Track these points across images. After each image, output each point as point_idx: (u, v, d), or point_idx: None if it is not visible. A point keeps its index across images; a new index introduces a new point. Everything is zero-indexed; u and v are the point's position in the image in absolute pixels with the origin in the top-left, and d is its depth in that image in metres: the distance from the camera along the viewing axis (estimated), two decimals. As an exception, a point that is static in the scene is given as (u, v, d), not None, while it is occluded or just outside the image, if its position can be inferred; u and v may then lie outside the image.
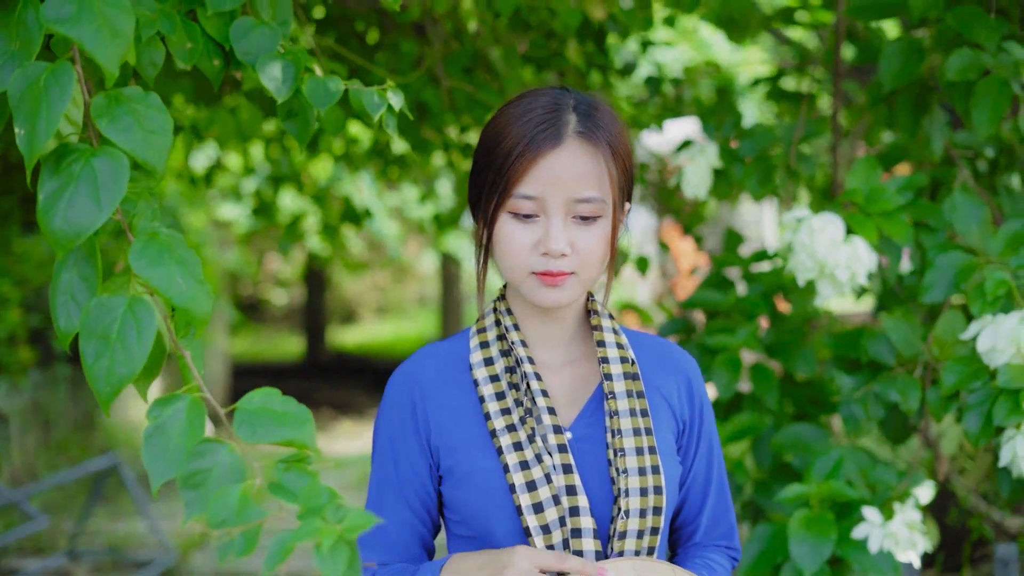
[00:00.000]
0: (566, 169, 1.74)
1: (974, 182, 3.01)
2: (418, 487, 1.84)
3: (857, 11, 2.84)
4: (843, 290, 2.57)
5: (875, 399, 2.62)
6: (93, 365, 1.41)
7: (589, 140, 1.76)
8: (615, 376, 1.83)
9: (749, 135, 3.08)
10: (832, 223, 2.54)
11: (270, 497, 1.33)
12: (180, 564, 7.00)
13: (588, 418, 1.83)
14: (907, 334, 2.58)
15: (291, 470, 1.30)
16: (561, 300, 1.77)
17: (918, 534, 2.56)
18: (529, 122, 1.76)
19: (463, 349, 1.88)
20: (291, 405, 1.35)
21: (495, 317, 1.88)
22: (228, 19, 1.99)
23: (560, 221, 1.74)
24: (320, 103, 1.95)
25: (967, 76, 2.65)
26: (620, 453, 1.77)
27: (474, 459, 1.78)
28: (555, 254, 1.74)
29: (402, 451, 1.84)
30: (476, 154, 1.85)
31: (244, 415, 1.35)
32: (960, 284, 2.53)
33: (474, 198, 1.86)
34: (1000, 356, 2.37)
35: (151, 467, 1.33)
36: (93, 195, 1.46)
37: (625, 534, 1.75)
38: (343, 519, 1.19)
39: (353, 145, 5.07)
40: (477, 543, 1.80)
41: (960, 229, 2.61)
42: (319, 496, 1.22)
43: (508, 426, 1.77)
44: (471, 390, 1.83)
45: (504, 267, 1.80)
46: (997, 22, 2.67)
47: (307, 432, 1.33)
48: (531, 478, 1.73)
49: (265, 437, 1.34)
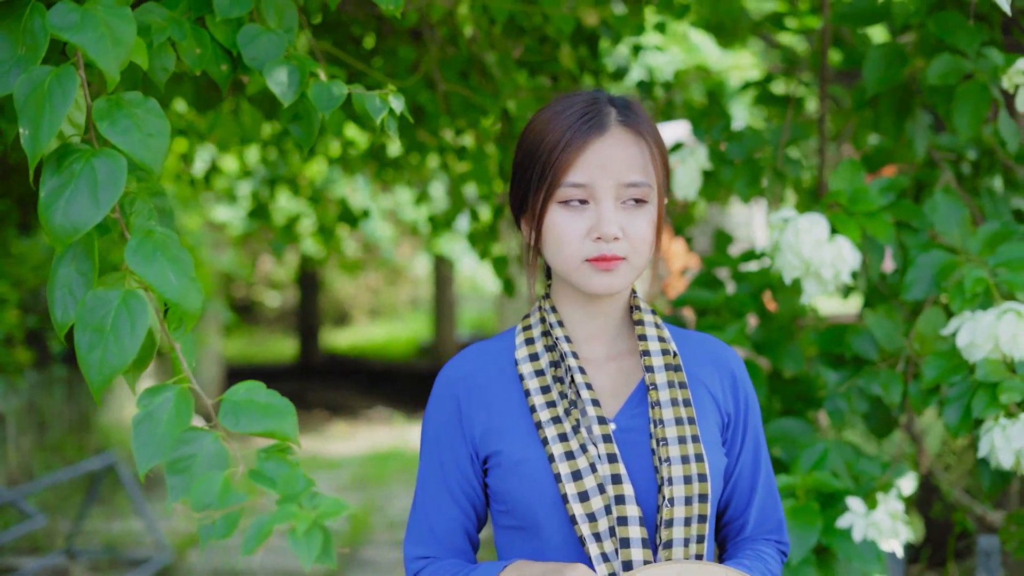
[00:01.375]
0: (613, 155, 1.79)
1: (956, 184, 3.10)
2: (463, 482, 1.88)
3: (843, 18, 2.93)
4: (828, 288, 2.65)
5: (859, 393, 2.71)
6: (87, 355, 1.49)
7: (631, 128, 1.82)
8: (657, 368, 1.87)
9: (737, 138, 3.16)
10: (817, 223, 2.63)
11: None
12: (177, 562, 7.06)
13: (632, 410, 1.86)
14: (889, 330, 2.67)
15: (272, 459, 1.38)
16: (614, 286, 1.80)
17: (900, 523, 2.65)
18: (571, 116, 1.81)
19: (508, 346, 1.92)
20: (274, 398, 1.43)
21: (540, 315, 1.92)
22: (236, 26, 2.06)
23: (611, 205, 1.78)
24: (324, 107, 2.02)
25: (948, 80, 2.74)
26: (663, 442, 1.81)
27: (520, 450, 1.82)
28: (608, 238, 1.77)
29: (447, 447, 1.88)
30: (517, 158, 1.89)
31: (229, 406, 1.43)
32: (940, 282, 2.62)
33: (518, 201, 1.90)
34: (978, 351, 2.46)
35: (139, 452, 1.41)
36: (92, 193, 1.54)
37: (672, 522, 1.77)
38: (318, 506, 1.26)
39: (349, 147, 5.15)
40: (523, 534, 1.84)
41: (941, 229, 2.70)
42: (297, 484, 1.29)
43: (553, 418, 1.81)
44: (517, 385, 1.87)
45: (556, 259, 1.83)
46: (976, 28, 2.76)
47: (289, 423, 1.41)
48: (576, 467, 1.77)
49: (248, 427, 1.42)
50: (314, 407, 14.21)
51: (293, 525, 1.25)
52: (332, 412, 13.90)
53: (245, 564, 6.98)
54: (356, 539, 7.67)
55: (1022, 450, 2.38)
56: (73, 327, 1.54)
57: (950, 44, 2.76)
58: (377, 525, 8.10)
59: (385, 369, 17.81)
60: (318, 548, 1.25)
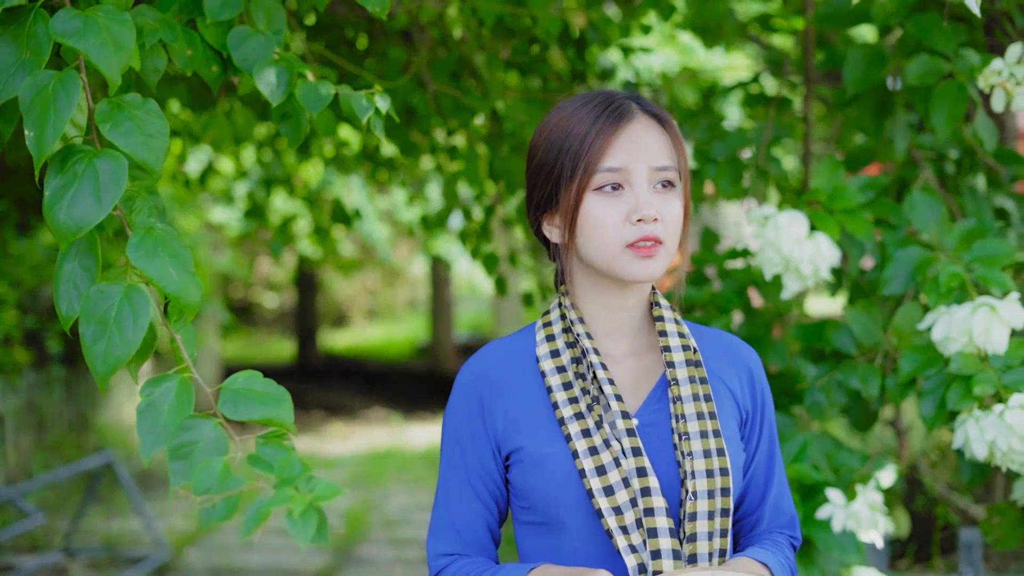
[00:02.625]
0: (643, 139, 1.81)
1: (938, 182, 3.16)
2: (485, 478, 1.89)
3: (823, 19, 2.98)
4: (807, 284, 2.71)
5: (837, 387, 2.77)
6: (91, 347, 1.56)
7: (653, 116, 1.85)
8: (677, 363, 1.88)
9: (722, 136, 3.22)
10: (796, 220, 2.68)
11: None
12: (175, 560, 7.11)
13: (653, 405, 1.88)
14: (868, 325, 2.73)
15: (269, 444, 1.44)
16: (654, 272, 1.81)
17: (880, 515, 2.70)
18: (595, 108, 1.84)
19: (529, 343, 1.93)
20: (271, 386, 1.50)
21: (560, 312, 1.93)
22: (226, 28, 2.12)
23: (647, 188, 1.80)
24: (312, 106, 2.08)
25: (926, 80, 2.79)
26: (685, 437, 1.82)
27: (543, 446, 1.83)
28: (649, 219, 1.78)
29: (469, 443, 1.89)
30: (535, 160, 1.89)
31: (228, 394, 1.50)
32: (917, 277, 2.67)
33: (543, 202, 1.89)
34: (953, 345, 2.52)
35: (143, 438, 1.48)
36: (95, 193, 1.61)
37: (695, 516, 1.78)
38: (313, 489, 1.32)
39: (343, 148, 5.20)
40: (545, 530, 1.84)
41: (918, 226, 2.75)
42: (293, 468, 1.35)
43: (576, 414, 1.82)
44: (538, 381, 1.88)
45: (595, 248, 1.83)
46: (954, 29, 2.82)
47: (285, 410, 1.48)
48: (600, 463, 1.78)
49: (247, 414, 1.48)
50: (312, 407, 14.25)
51: (290, 507, 1.30)
52: (330, 412, 13.95)
53: (243, 562, 7.03)
54: (353, 537, 7.72)
55: (995, 442, 2.43)
56: (78, 320, 1.61)
57: (928, 45, 2.81)
58: (374, 523, 8.15)
59: (383, 370, 17.86)
60: (313, 529, 1.30)
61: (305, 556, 7.18)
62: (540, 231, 1.94)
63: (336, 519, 8.16)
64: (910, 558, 4.60)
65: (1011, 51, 2.73)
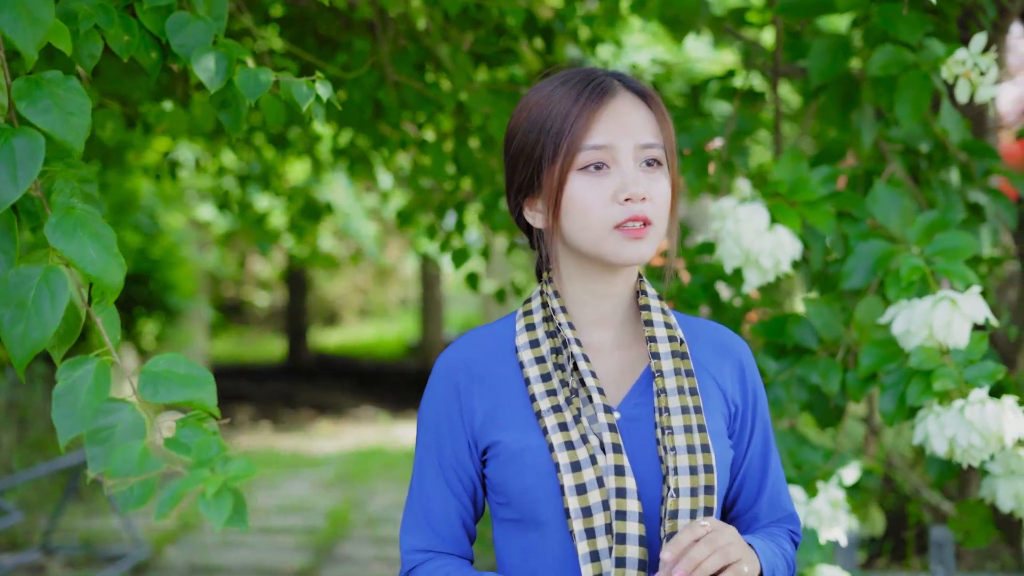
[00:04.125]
0: (628, 115, 1.75)
1: (906, 175, 3.12)
2: (461, 471, 1.83)
3: (787, 8, 2.94)
4: (768, 277, 2.67)
5: (798, 382, 2.72)
6: (9, 330, 1.52)
7: (638, 94, 1.79)
8: (663, 355, 1.80)
9: (688, 129, 3.17)
10: (757, 212, 2.64)
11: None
12: (153, 559, 7.07)
13: (636, 398, 1.81)
14: (828, 319, 2.68)
15: (188, 426, 1.39)
16: (644, 254, 1.74)
17: (841, 512, 2.66)
18: (576, 85, 1.77)
19: (509, 332, 1.86)
20: (194, 368, 1.45)
21: (542, 299, 1.86)
22: (165, 13, 2.08)
23: (633, 166, 1.73)
24: (250, 93, 2.04)
25: (890, 71, 2.75)
26: (668, 431, 1.76)
27: (520, 439, 1.76)
28: (637, 198, 1.71)
29: (446, 436, 1.83)
30: (514, 142, 1.82)
31: (148, 376, 1.45)
32: (879, 271, 2.63)
33: (524, 182, 1.82)
34: (913, 339, 2.47)
35: (59, 424, 1.43)
36: (11, 172, 1.56)
37: (677, 513, 1.72)
38: (228, 470, 1.27)
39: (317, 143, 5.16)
40: (523, 526, 1.78)
41: (880, 219, 2.71)
42: (210, 449, 1.30)
43: (554, 406, 1.76)
44: (517, 372, 1.81)
45: (581, 231, 1.76)
46: (919, 19, 2.77)
47: (207, 392, 1.43)
48: (575, 458, 1.71)
49: (167, 397, 1.44)
50: (301, 406, 14.23)
51: (203, 488, 1.26)
52: (318, 411, 13.92)
53: (222, 560, 6.99)
54: (335, 535, 7.67)
55: (955, 438, 2.39)
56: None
57: (893, 35, 2.77)
58: (356, 521, 8.11)
59: (373, 369, 17.82)
60: (228, 510, 1.26)
61: (286, 554, 7.14)
62: (521, 217, 1.86)
63: (319, 518, 8.12)
64: (887, 556, 4.56)
65: (975, 41, 2.69)
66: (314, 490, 9.31)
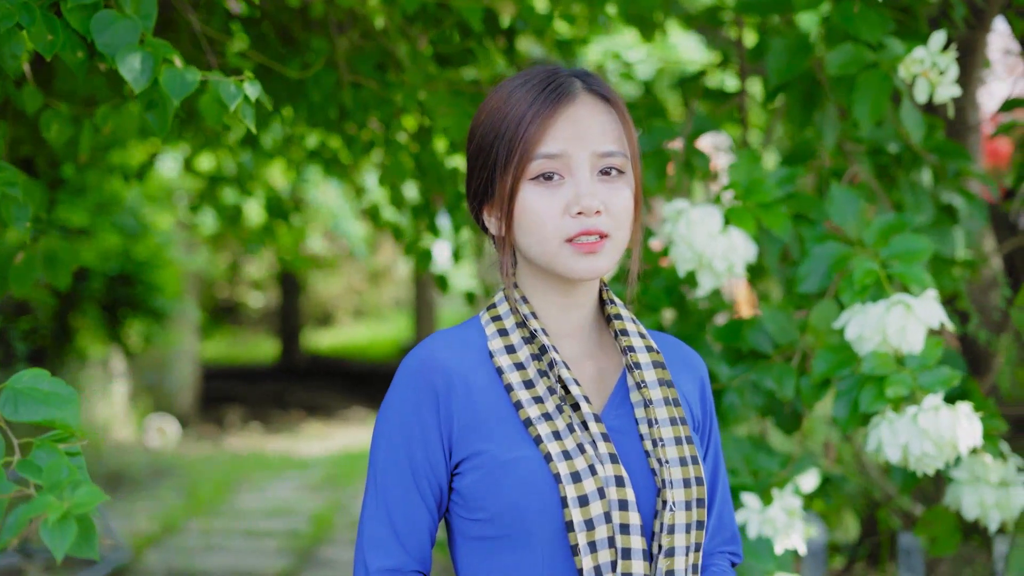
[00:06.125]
0: (586, 122, 1.67)
1: (872, 177, 3.06)
2: (432, 479, 1.70)
3: (745, 7, 2.89)
4: (722, 281, 2.61)
5: (752, 388, 2.67)
6: None
7: (600, 96, 1.70)
8: (643, 365, 1.74)
9: (648, 129, 3.12)
10: (710, 215, 2.58)
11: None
12: (133, 563, 7.01)
13: (616, 410, 1.74)
14: (783, 323, 2.63)
15: (43, 447, 1.34)
16: (599, 268, 1.66)
17: (798, 520, 2.60)
18: (534, 88, 1.69)
19: (478, 337, 1.75)
20: (58, 386, 1.40)
21: (510, 304, 1.75)
22: (91, 12, 2.03)
23: (588, 177, 1.65)
24: (176, 93, 1.99)
25: (848, 71, 2.69)
26: (660, 443, 1.69)
27: (510, 449, 1.66)
28: (590, 211, 1.64)
29: (419, 441, 1.69)
30: (473, 143, 1.75)
31: (11, 393, 1.40)
32: (835, 274, 2.58)
33: (481, 189, 1.75)
34: (867, 344, 2.42)
35: None
36: None
37: (674, 528, 1.66)
38: (75, 497, 1.22)
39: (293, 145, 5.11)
40: (505, 544, 1.67)
41: (837, 221, 2.65)
42: (60, 473, 1.25)
43: (544, 414, 1.66)
44: (494, 378, 1.70)
45: (533, 244, 1.68)
46: (880, 17, 2.72)
47: (70, 412, 1.38)
48: (575, 468, 1.62)
49: (28, 415, 1.39)
50: (291, 407, 14.21)
51: (46, 515, 1.21)
52: (309, 412, 13.89)
53: (203, 564, 6.94)
54: (318, 538, 7.63)
55: (909, 445, 2.34)
56: None
57: (853, 33, 2.71)
58: (339, 524, 8.06)
59: (365, 370, 17.78)
60: (69, 539, 1.21)
61: (267, 558, 7.09)
62: (482, 221, 1.79)
63: (303, 521, 8.07)
64: (863, 560, 4.51)
65: (934, 39, 2.64)
66: (300, 493, 9.26)
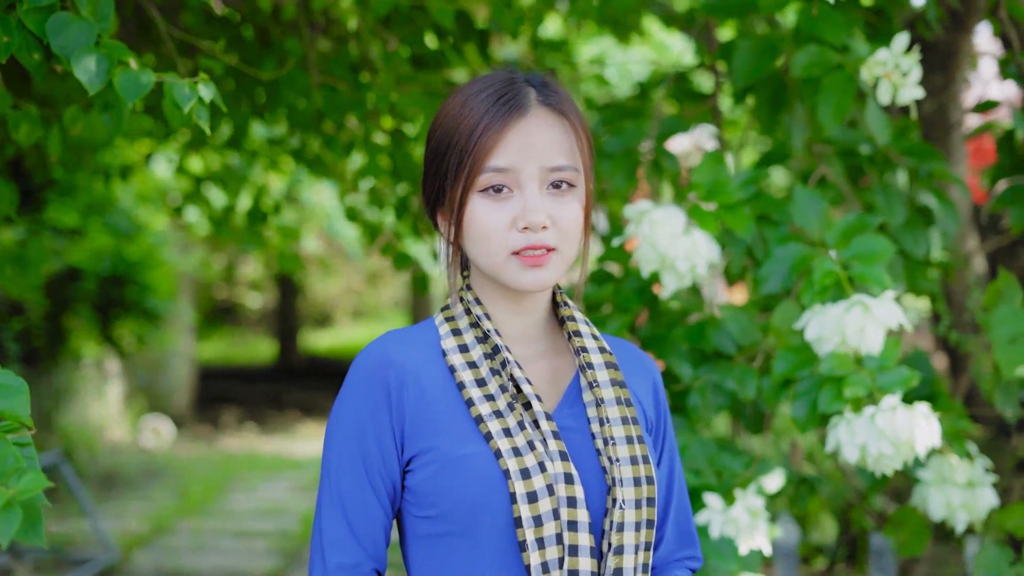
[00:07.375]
0: (536, 136, 1.68)
1: (843, 178, 3.06)
2: (386, 476, 1.72)
3: (711, 8, 2.89)
4: (685, 281, 2.62)
5: (715, 388, 2.67)
6: None
7: (553, 108, 1.71)
8: (596, 365, 1.76)
9: (618, 131, 3.12)
10: (673, 216, 2.59)
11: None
12: (123, 563, 7.03)
13: (568, 409, 1.76)
14: (745, 324, 2.64)
15: None
16: (546, 280, 1.69)
17: (761, 520, 2.61)
18: (488, 98, 1.70)
19: (431, 336, 1.77)
20: (8, 377, 1.41)
21: (464, 306, 1.78)
22: (47, 14, 2.04)
23: (536, 192, 1.67)
24: (130, 95, 2.00)
25: (812, 72, 2.70)
26: (611, 442, 1.71)
27: (461, 445, 1.67)
28: (536, 227, 1.66)
29: (373, 438, 1.71)
30: (430, 148, 1.76)
31: None
32: (795, 275, 2.58)
33: (433, 195, 1.76)
34: (827, 345, 2.42)
35: None
36: None
37: (623, 526, 1.67)
38: (19, 484, 1.23)
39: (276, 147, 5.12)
40: (454, 541, 1.68)
41: (799, 222, 2.66)
42: (7, 462, 1.26)
43: (495, 411, 1.68)
44: (447, 376, 1.73)
45: (479, 254, 1.71)
46: (845, 19, 2.72)
47: (19, 402, 1.40)
48: (524, 465, 1.64)
49: None
50: (288, 408, 14.23)
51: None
52: (305, 413, 13.92)
53: (192, 564, 6.96)
54: (307, 538, 7.62)
55: (866, 446, 2.34)
56: None
57: (818, 35, 2.72)
58: (330, 525, 8.06)
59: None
60: (15, 525, 1.22)
61: (256, 558, 7.10)
62: (436, 223, 1.81)
63: (293, 522, 8.08)
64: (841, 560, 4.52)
65: (897, 41, 2.65)
66: (291, 493, 9.27)
